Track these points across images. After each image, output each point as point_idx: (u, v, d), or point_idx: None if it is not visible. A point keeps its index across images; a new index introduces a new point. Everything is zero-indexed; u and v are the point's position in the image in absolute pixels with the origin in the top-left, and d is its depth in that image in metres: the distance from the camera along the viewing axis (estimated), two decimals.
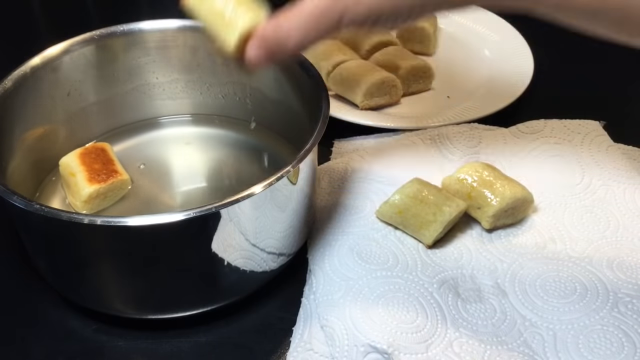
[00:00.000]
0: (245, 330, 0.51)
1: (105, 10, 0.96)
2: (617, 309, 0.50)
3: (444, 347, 0.48)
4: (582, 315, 0.50)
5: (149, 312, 0.50)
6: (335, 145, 0.68)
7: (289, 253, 0.53)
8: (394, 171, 0.62)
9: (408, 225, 0.56)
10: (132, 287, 0.49)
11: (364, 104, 0.72)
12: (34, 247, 0.51)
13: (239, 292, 0.52)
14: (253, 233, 0.48)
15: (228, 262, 0.48)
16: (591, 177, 0.62)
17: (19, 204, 0.44)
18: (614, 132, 0.66)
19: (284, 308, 0.52)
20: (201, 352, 0.49)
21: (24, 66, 0.55)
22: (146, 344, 0.50)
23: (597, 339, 0.48)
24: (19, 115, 0.55)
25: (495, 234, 0.57)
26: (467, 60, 0.82)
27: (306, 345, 0.49)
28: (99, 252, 0.47)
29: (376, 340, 0.47)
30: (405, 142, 0.66)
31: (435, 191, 0.56)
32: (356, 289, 0.51)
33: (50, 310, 0.53)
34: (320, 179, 0.62)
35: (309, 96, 0.55)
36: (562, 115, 0.68)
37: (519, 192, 0.56)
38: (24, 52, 0.57)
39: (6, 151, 0.53)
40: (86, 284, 0.49)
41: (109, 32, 0.60)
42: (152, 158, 0.62)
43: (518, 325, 0.50)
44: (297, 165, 0.47)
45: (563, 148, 0.64)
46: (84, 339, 0.50)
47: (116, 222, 0.43)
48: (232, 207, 0.45)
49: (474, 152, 0.64)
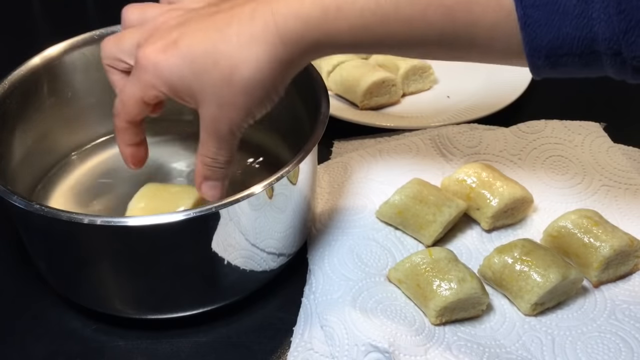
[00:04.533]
0: (245, 330, 0.51)
1: (105, 10, 0.96)
2: (614, 316, 0.50)
3: (443, 349, 0.48)
4: (580, 324, 0.50)
5: (149, 312, 0.50)
6: (335, 145, 0.68)
7: (289, 253, 0.53)
8: (394, 171, 0.62)
9: (408, 226, 0.56)
10: (132, 287, 0.49)
11: (364, 104, 0.72)
12: (34, 247, 0.51)
13: (239, 292, 0.52)
14: (253, 233, 0.48)
15: (228, 262, 0.48)
16: (591, 178, 0.62)
17: (19, 204, 0.44)
18: (614, 133, 0.66)
19: (284, 308, 0.52)
20: (201, 352, 0.49)
21: (24, 66, 0.55)
22: (146, 344, 0.50)
23: (594, 345, 0.48)
24: (19, 116, 0.55)
25: (495, 234, 0.57)
26: None
27: (307, 345, 0.49)
28: (99, 252, 0.47)
29: (377, 340, 0.47)
30: (405, 142, 0.66)
31: (435, 191, 0.56)
32: (356, 291, 0.51)
33: (50, 310, 0.53)
34: (320, 179, 0.62)
35: (309, 96, 0.55)
36: (562, 115, 0.68)
37: (518, 193, 0.56)
38: (24, 52, 0.57)
39: (6, 151, 0.53)
40: (86, 284, 0.49)
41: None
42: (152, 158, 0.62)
43: (517, 328, 0.50)
44: (297, 165, 0.47)
45: (563, 148, 0.64)
46: (84, 339, 0.50)
47: (116, 222, 0.43)
48: (232, 207, 0.45)
49: (474, 152, 0.64)
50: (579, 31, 0.36)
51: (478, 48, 0.41)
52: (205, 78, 0.43)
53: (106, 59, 0.48)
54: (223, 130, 0.44)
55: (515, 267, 0.50)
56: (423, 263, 0.50)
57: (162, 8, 0.48)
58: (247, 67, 0.42)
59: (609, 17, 0.35)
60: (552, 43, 0.37)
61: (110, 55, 0.47)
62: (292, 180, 0.49)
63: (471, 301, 0.49)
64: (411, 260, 0.51)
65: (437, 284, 0.49)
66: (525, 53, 0.38)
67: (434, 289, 0.49)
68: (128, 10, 0.49)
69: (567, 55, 0.37)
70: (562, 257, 0.52)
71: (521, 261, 0.50)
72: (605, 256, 0.51)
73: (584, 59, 0.38)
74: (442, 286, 0.49)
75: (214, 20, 0.43)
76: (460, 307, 0.49)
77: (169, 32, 0.44)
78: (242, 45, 0.42)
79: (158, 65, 0.43)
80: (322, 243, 0.56)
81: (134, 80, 0.45)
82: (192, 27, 0.43)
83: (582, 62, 0.38)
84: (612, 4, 0.35)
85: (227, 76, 0.42)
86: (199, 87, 0.43)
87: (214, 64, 0.42)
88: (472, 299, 0.49)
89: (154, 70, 0.43)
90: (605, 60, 0.37)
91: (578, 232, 0.53)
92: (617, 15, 0.35)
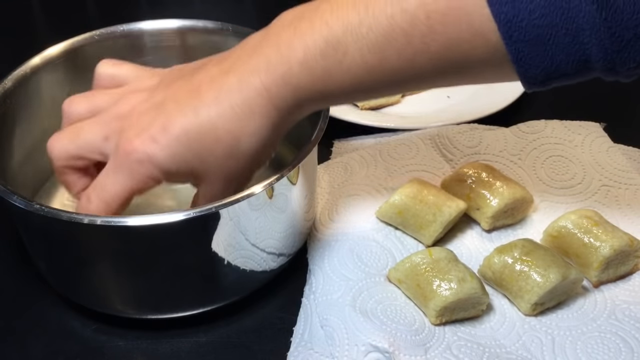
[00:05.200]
0: (245, 330, 0.51)
1: (105, 10, 0.96)
2: (614, 316, 0.50)
3: (443, 349, 0.48)
4: (580, 324, 0.50)
5: (149, 312, 0.50)
6: (335, 145, 0.68)
7: (289, 253, 0.53)
8: (394, 171, 0.62)
9: (408, 226, 0.56)
10: (132, 287, 0.49)
11: (364, 104, 0.72)
12: (34, 247, 0.51)
13: (239, 292, 0.52)
14: (253, 233, 0.48)
15: (228, 262, 0.48)
16: (591, 178, 0.62)
17: (19, 204, 0.44)
18: (615, 133, 0.66)
19: (284, 308, 0.52)
20: (201, 352, 0.49)
21: (24, 66, 0.55)
22: (146, 344, 0.50)
23: (594, 345, 0.48)
24: (19, 116, 0.55)
25: (495, 234, 0.57)
26: None
27: (307, 345, 0.49)
28: (99, 252, 0.47)
29: (377, 340, 0.47)
30: (405, 142, 0.66)
31: (435, 191, 0.56)
32: (356, 291, 0.51)
33: (50, 310, 0.53)
34: (320, 179, 0.62)
35: None
36: (562, 115, 0.68)
37: (518, 193, 0.56)
38: (24, 52, 0.57)
39: (6, 151, 0.53)
40: (86, 284, 0.49)
41: (109, 32, 0.60)
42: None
43: (517, 328, 0.50)
44: (297, 165, 0.47)
45: (563, 148, 0.64)
46: (84, 339, 0.50)
47: (116, 222, 0.43)
48: (232, 207, 0.45)
49: (474, 152, 0.64)
50: (571, 56, 0.36)
51: (469, 78, 0.42)
52: (207, 157, 0.42)
53: (60, 160, 0.45)
54: (225, 196, 0.44)
55: (515, 267, 0.50)
56: (423, 263, 0.50)
57: (109, 94, 0.46)
58: (250, 138, 0.42)
59: (601, 40, 0.35)
60: (546, 71, 0.37)
61: (64, 155, 0.45)
62: (292, 180, 0.49)
63: (471, 301, 0.49)
64: (411, 260, 0.51)
65: (437, 284, 0.49)
66: (519, 79, 0.38)
67: (434, 289, 0.49)
68: (73, 103, 0.46)
69: (562, 77, 0.38)
70: (562, 257, 0.52)
71: (521, 261, 0.50)
72: (605, 256, 0.51)
73: (577, 76, 0.38)
74: (442, 286, 0.49)
75: (197, 95, 0.42)
76: (460, 307, 0.49)
77: (148, 118, 0.42)
78: (241, 118, 0.41)
79: (154, 157, 0.42)
80: (322, 243, 0.56)
81: (120, 173, 0.43)
82: (172, 107, 0.42)
83: (575, 78, 0.38)
84: (603, 29, 0.35)
85: (230, 150, 0.42)
86: (203, 167, 0.43)
87: (215, 141, 0.42)
88: (472, 299, 0.49)
89: (150, 162, 0.42)
90: (598, 72, 0.38)
91: (578, 232, 0.53)
92: (609, 39, 0.35)
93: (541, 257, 0.50)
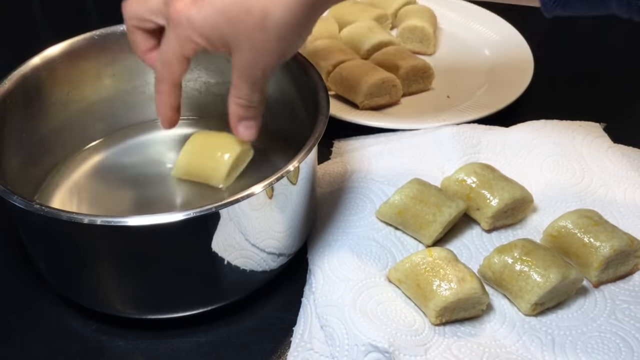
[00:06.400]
0: (245, 330, 0.51)
1: (105, 10, 0.96)
2: (614, 316, 0.50)
3: (443, 349, 0.48)
4: (580, 324, 0.50)
5: (149, 312, 0.50)
6: (335, 145, 0.68)
7: (289, 253, 0.53)
8: (394, 171, 0.62)
9: (408, 226, 0.56)
10: (132, 287, 0.49)
11: (364, 104, 0.72)
12: (34, 247, 0.51)
13: (239, 292, 0.52)
14: (253, 233, 0.48)
15: (228, 262, 0.48)
16: (591, 178, 0.62)
17: (19, 204, 0.44)
18: (614, 133, 0.66)
19: (284, 308, 0.52)
20: (201, 352, 0.49)
21: (24, 66, 0.55)
22: (146, 344, 0.50)
23: (594, 345, 0.48)
24: (19, 115, 0.55)
25: (495, 234, 0.57)
26: (467, 60, 0.82)
27: (307, 345, 0.49)
28: (98, 252, 0.47)
29: (377, 340, 0.47)
30: (405, 142, 0.66)
31: (435, 191, 0.56)
32: (356, 291, 0.51)
33: (50, 310, 0.53)
34: (320, 179, 0.62)
35: (309, 96, 0.55)
36: (562, 115, 0.68)
37: (518, 193, 0.56)
38: (24, 52, 0.57)
39: (6, 151, 0.53)
40: (86, 284, 0.49)
41: (109, 32, 0.60)
42: (152, 158, 0.62)
43: (517, 328, 0.50)
44: (297, 165, 0.47)
45: (563, 148, 0.64)
46: (84, 339, 0.50)
47: (116, 222, 0.43)
48: (232, 207, 0.45)
49: (474, 152, 0.64)
50: None
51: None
52: (238, 26, 0.45)
53: (131, 20, 0.49)
54: (257, 74, 0.47)
55: (515, 267, 0.50)
56: (423, 263, 0.50)
57: None
58: (279, 10, 0.44)
59: None
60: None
61: (135, 16, 0.49)
62: (292, 180, 0.49)
63: (471, 301, 0.49)
64: (411, 260, 0.51)
65: (437, 284, 0.49)
66: None
67: (433, 289, 0.49)
68: None
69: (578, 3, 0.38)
70: (562, 257, 0.52)
71: (521, 261, 0.50)
72: (605, 256, 0.51)
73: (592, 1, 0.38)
74: (442, 286, 0.49)
75: None
76: (460, 307, 0.49)
77: None
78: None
79: (191, 19, 0.45)
80: (322, 243, 0.56)
81: (170, 37, 0.46)
82: None
83: (589, 4, 0.39)
84: None
85: (260, 22, 0.44)
86: (233, 35, 0.45)
87: (246, 12, 0.44)
88: (472, 299, 0.49)
89: (188, 24, 0.45)
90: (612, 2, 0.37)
91: (578, 232, 0.53)
92: None
93: (541, 257, 0.50)
